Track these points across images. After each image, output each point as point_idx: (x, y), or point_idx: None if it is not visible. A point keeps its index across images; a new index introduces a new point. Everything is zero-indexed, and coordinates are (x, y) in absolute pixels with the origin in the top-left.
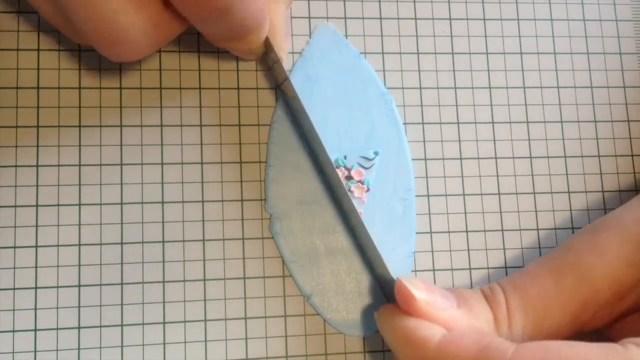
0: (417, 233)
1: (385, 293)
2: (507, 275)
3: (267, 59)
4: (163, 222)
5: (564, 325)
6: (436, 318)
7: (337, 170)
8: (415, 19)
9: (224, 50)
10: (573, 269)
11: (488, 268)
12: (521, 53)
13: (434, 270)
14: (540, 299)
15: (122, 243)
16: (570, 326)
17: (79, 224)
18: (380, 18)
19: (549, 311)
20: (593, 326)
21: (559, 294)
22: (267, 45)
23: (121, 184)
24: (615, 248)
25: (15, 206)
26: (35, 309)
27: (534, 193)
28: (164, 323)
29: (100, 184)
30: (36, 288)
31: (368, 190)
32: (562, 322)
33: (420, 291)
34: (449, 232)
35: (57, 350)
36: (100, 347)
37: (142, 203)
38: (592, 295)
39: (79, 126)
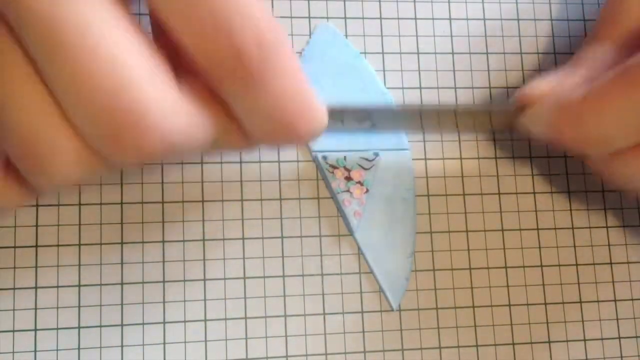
0: (417, 233)
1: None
2: (506, 275)
3: None
4: (163, 221)
5: None
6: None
7: (337, 171)
8: (415, 19)
9: None
10: None
11: (488, 268)
12: (521, 53)
13: (434, 270)
14: None
15: (122, 243)
16: None
17: (79, 224)
18: (380, 18)
19: None
20: None
21: None
22: None
23: (121, 184)
24: None
25: None
26: (35, 309)
27: (534, 193)
28: (164, 323)
29: (100, 184)
30: (36, 288)
31: (367, 191)
32: None
33: (539, 88)
34: (449, 232)
35: (57, 350)
36: (100, 347)
37: (142, 203)
38: None
39: None
